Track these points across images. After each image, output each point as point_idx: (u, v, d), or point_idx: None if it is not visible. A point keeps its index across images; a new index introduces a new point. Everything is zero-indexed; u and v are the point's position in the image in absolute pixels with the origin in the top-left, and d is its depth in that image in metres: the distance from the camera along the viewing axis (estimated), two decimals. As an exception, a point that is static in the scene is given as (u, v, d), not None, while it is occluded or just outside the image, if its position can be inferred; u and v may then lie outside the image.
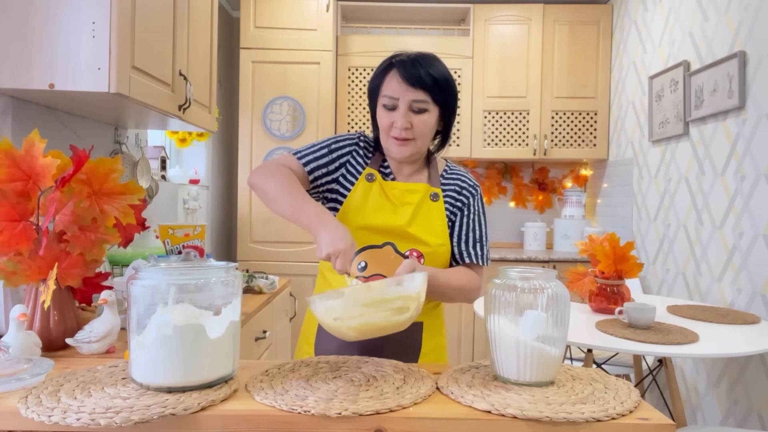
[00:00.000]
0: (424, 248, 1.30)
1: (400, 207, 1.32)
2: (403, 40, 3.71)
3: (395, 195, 1.34)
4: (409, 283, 0.97)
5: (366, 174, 1.35)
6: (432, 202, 1.35)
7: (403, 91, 1.26)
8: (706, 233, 2.59)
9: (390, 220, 1.30)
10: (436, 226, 1.33)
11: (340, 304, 0.93)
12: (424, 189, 1.35)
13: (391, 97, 1.27)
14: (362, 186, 1.34)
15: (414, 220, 1.31)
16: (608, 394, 0.96)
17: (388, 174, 1.38)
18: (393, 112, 1.28)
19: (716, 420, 2.46)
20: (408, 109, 1.27)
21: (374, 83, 1.33)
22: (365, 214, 1.31)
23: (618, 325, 1.92)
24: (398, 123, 1.27)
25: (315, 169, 1.34)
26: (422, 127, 1.28)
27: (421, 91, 1.26)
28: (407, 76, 1.25)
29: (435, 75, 1.26)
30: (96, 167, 1.24)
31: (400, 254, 1.29)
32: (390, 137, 1.30)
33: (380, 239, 1.29)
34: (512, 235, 4.17)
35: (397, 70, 1.27)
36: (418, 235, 1.30)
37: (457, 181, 1.40)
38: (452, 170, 1.42)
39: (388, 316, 0.94)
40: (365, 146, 1.39)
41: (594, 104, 3.76)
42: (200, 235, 1.90)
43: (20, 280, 1.17)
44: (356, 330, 0.95)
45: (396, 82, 1.26)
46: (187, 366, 0.92)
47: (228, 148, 3.94)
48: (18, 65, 1.47)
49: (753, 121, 2.27)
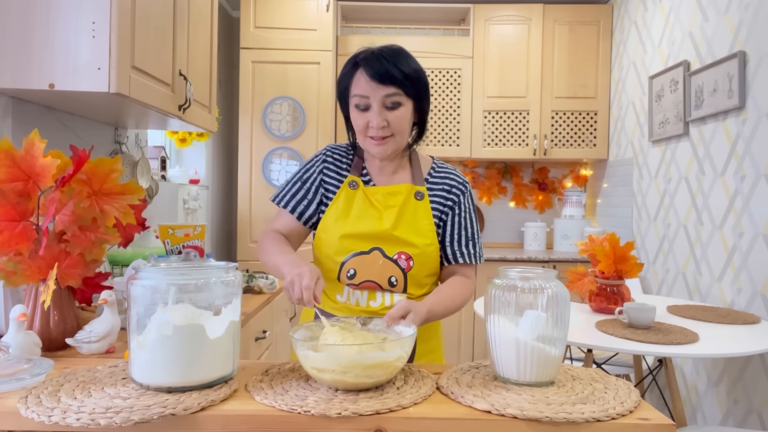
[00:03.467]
0: (411, 250, 1.29)
1: (384, 211, 1.31)
2: (403, 40, 3.71)
3: (378, 199, 1.32)
4: (392, 347, 0.97)
5: (348, 181, 1.34)
6: (417, 201, 1.32)
7: (373, 89, 1.23)
8: (706, 233, 2.59)
9: (375, 225, 1.29)
10: (422, 226, 1.31)
11: (320, 357, 0.94)
12: (407, 189, 1.33)
13: (362, 96, 1.24)
14: (345, 194, 1.33)
15: (399, 223, 1.29)
16: (608, 394, 0.96)
17: (368, 181, 1.36)
18: (366, 113, 1.25)
19: (716, 420, 2.46)
20: (381, 107, 1.24)
21: (342, 85, 1.30)
22: (349, 221, 1.30)
23: (618, 325, 1.91)
24: (374, 122, 1.24)
25: (296, 205, 1.36)
26: (399, 123, 1.26)
27: (392, 86, 1.23)
28: (375, 73, 1.22)
29: (403, 68, 1.23)
30: (96, 167, 1.24)
31: (388, 258, 1.28)
32: (367, 138, 1.28)
33: (367, 245, 1.28)
34: (512, 235, 4.17)
35: (363, 68, 1.24)
36: (404, 237, 1.29)
37: (445, 179, 1.37)
38: (440, 168, 1.39)
39: (362, 379, 0.93)
40: (336, 158, 1.38)
41: (594, 104, 3.76)
42: (200, 235, 1.90)
43: (20, 280, 1.17)
44: (331, 382, 0.95)
45: (364, 81, 1.23)
46: (187, 366, 0.92)
47: (228, 148, 3.94)
48: (18, 65, 1.47)
49: (753, 121, 2.27)
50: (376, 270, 1.27)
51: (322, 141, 3.50)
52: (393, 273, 1.28)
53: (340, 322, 1.11)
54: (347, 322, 1.11)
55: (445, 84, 3.76)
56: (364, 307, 1.29)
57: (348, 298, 1.30)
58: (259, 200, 3.49)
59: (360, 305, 1.29)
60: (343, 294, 1.31)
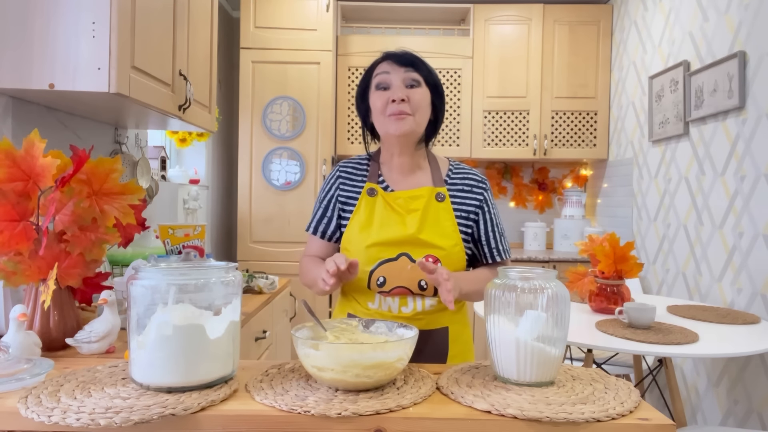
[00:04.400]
0: (438, 252, 1.29)
1: (407, 215, 1.31)
2: (403, 40, 3.71)
3: (400, 204, 1.32)
4: (393, 347, 0.96)
5: (367, 189, 1.35)
6: (438, 203, 1.33)
7: (396, 69, 1.31)
8: (706, 233, 2.59)
9: (400, 230, 1.29)
10: (446, 227, 1.32)
11: (320, 355, 0.93)
12: (428, 192, 1.34)
13: (385, 72, 1.31)
14: (365, 203, 1.34)
15: (424, 226, 1.30)
16: (608, 394, 0.96)
17: (386, 187, 1.37)
18: (387, 91, 1.31)
19: (716, 420, 2.46)
20: (402, 84, 1.30)
21: (365, 80, 1.37)
22: (374, 230, 1.31)
23: (618, 325, 1.91)
24: (395, 95, 1.28)
25: (325, 229, 1.40)
26: (419, 101, 1.30)
27: (413, 70, 1.31)
28: (398, 60, 1.32)
29: (423, 61, 1.35)
30: (96, 167, 1.24)
31: (415, 263, 1.27)
32: (387, 116, 1.30)
33: (394, 251, 1.29)
34: (512, 235, 4.17)
35: (387, 58, 1.33)
36: (430, 240, 1.29)
37: (465, 179, 1.39)
38: (458, 168, 1.41)
39: (362, 379, 0.93)
40: (350, 170, 1.41)
41: (594, 104, 3.76)
42: (200, 235, 1.90)
43: (20, 280, 1.17)
44: (330, 382, 0.94)
45: (387, 64, 1.32)
46: (187, 366, 0.92)
47: (228, 148, 3.94)
48: (18, 65, 1.47)
49: (753, 121, 2.27)
50: (405, 275, 1.28)
51: (322, 141, 3.50)
52: (422, 276, 1.27)
53: (342, 324, 1.11)
54: (349, 324, 1.11)
55: (445, 84, 3.76)
56: (396, 313, 1.29)
57: (380, 306, 1.31)
58: (259, 200, 3.49)
59: (392, 311, 1.30)
60: (375, 301, 1.31)
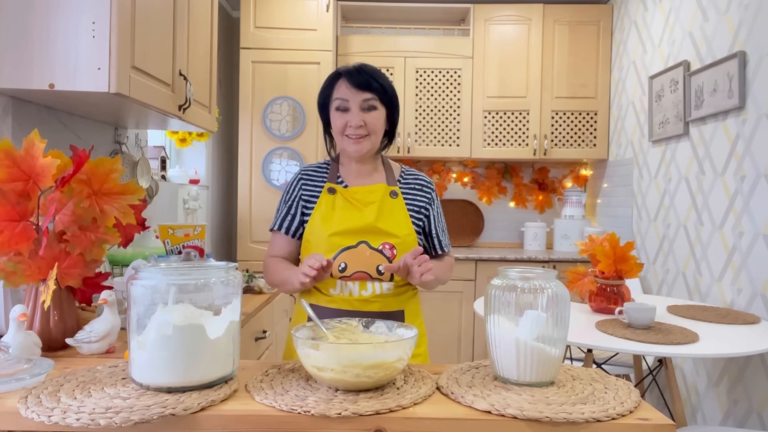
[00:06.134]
0: (394, 240, 1.42)
1: (364, 208, 1.44)
2: (403, 40, 3.71)
3: (358, 198, 1.45)
4: (393, 347, 0.96)
5: (327, 188, 1.47)
6: (392, 200, 1.47)
7: (353, 94, 1.40)
8: (706, 233, 2.59)
9: (358, 220, 1.42)
10: (400, 219, 1.45)
11: (320, 355, 0.94)
12: (383, 188, 1.48)
13: (343, 99, 1.41)
14: (326, 199, 1.46)
15: (380, 216, 1.43)
16: (608, 394, 0.96)
17: (344, 186, 1.49)
18: (346, 114, 1.42)
19: (716, 420, 2.46)
20: (359, 109, 1.41)
21: (324, 95, 1.46)
22: (335, 221, 1.42)
23: (618, 325, 1.92)
24: (353, 122, 1.40)
25: (289, 225, 1.50)
26: (374, 123, 1.43)
27: (369, 92, 1.41)
28: (355, 82, 1.40)
29: (378, 80, 1.43)
30: (96, 167, 1.24)
31: (374, 249, 1.40)
32: (345, 137, 1.43)
33: (354, 239, 1.40)
34: (512, 235, 4.17)
35: (344, 78, 1.42)
36: (386, 228, 1.42)
37: (416, 181, 1.55)
38: (408, 172, 1.56)
39: (362, 379, 0.93)
40: (311, 174, 1.51)
41: (594, 104, 3.76)
42: (200, 235, 1.90)
43: (20, 280, 1.17)
44: (330, 381, 0.95)
45: (345, 88, 1.41)
46: (187, 366, 0.92)
47: (228, 148, 3.94)
48: (18, 65, 1.47)
49: (753, 121, 2.27)
50: (365, 261, 1.39)
51: (321, 141, 3.49)
52: (380, 262, 1.40)
53: (342, 323, 1.11)
54: (349, 324, 1.12)
55: (445, 84, 3.76)
56: (356, 296, 1.40)
57: (341, 291, 1.41)
58: (259, 200, 3.49)
59: (353, 295, 1.40)
60: (336, 287, 1.41)
